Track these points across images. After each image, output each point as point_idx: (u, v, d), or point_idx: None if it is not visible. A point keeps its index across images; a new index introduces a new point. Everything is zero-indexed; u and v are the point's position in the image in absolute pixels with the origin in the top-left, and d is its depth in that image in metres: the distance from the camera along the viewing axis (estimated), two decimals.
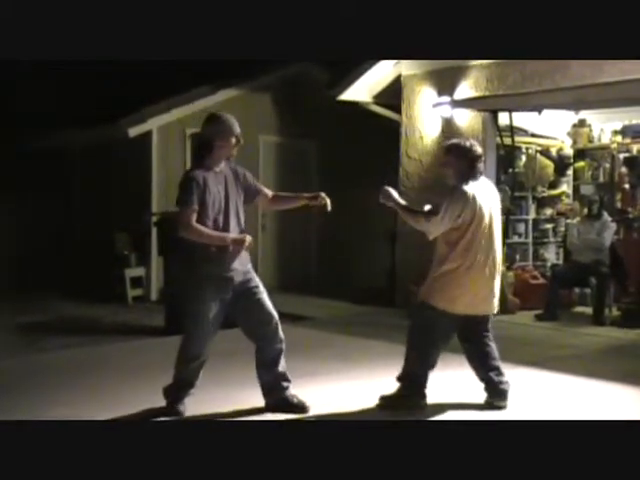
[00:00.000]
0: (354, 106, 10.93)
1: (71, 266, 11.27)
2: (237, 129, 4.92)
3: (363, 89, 10.48)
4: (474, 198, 4.96)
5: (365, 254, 11.78)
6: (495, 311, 5.30)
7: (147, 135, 10.32)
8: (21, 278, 10.83)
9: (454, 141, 5.28)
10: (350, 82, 10.38)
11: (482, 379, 5.25)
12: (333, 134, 11.60)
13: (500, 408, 5.15)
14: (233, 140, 4.91)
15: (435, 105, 9.51)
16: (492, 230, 5.08)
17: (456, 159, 5.07)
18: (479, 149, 5.12)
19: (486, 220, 5.01)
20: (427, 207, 5.22)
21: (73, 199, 11.88)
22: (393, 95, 10.15)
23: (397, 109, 10.23)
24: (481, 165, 5.11)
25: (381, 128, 11.24)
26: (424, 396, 5.19)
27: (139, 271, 10.43)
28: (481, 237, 4.99)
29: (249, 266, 4.98)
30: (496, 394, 5.19)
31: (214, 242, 4.77)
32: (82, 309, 9.61)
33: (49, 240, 11.67)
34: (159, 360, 6.12)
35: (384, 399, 5.20)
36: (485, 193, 5.08)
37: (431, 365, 5.17)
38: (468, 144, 5.10)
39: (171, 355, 5.09)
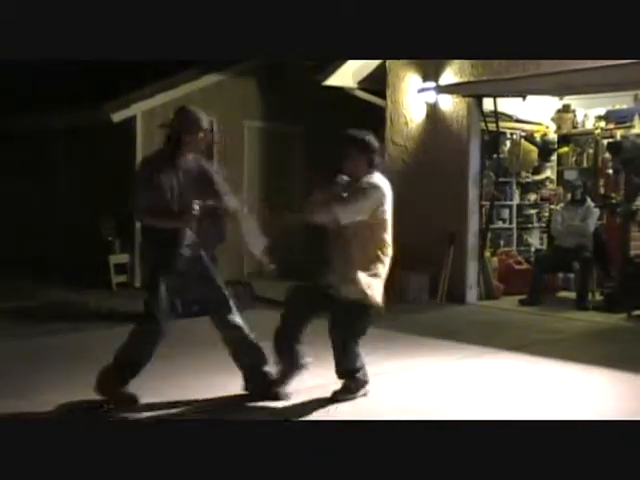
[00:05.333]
0: (339, 91, 10.90)
1: (55, 252, 11.21)
2: (205, 124, 4.91)
3: (348, 74, 10.48)
4: (386, 190, 5.04)
5: None
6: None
7: (131, 120, 10.26)
8: (3, 263, 10.75)
9: (355, 134, 5.19)
10: (335, 67, 10.38)
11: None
12: (318, 119, 11.56)
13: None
14: (201, 135, 4.90)
15: (420, 91, 9.51)
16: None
17: (359, 152, 5.07)
18: (376, 142, 5.14)
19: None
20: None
21: (57, 184, 11.80)
22: (378, 80, 10.14)
23: (382, 94, 10.22)
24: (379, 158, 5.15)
25: (367, 113, 11.21)
26: (368, 381, 5.21)
27: (123, 257, 10.39)
28: (388, 229, 5.08)
29: (202, 252, 4.97)
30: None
31: (168, 225, 4.81)
32: (66, 295, 9.53)
33: (32, 225, 11.59)
34: None
35: (337, 394, 5.13)
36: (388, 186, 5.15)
37: None
38: (367, 138, 5.10)
39: None
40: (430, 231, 9.21)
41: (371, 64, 10.32)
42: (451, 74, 9.25)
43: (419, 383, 5.59)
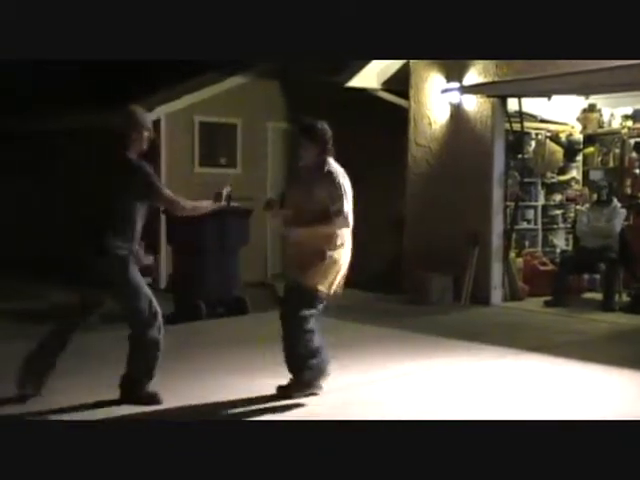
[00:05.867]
0: (362, 92, 10.89)
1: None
2: (149, 123, 5.03)
3: (371, 75, 10.44)
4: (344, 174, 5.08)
5: (370, 241, 11.74)
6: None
7: (156, 123, 10.31)
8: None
9: (306, 122, 5.27)
10: (358, 69, 10.35)
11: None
12: (342, 120, 11.51)
13: None
14: (145, 133, 4.98)
15: (444, 91, 9.46)
16: None
17: (311, 140, 5.13)
18: (328, 130, 5.21)
19: None
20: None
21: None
22: (401, 81, 10.12)
23: (405, 95, 10.19)
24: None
25: (389, 114, 11.19)
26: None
27: (148, 259, 10.43)
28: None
29: None
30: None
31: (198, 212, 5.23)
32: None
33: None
34: (166, 348, 6.14)
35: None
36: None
37: None
38: (318, 125, 5.19)
39: (177, 342, 5.10)
40: (454, 232, 9.17)
41: (394, 65, 10.29)
42: (475, 74, 9.20)
43: (438, 385, 5.57)
